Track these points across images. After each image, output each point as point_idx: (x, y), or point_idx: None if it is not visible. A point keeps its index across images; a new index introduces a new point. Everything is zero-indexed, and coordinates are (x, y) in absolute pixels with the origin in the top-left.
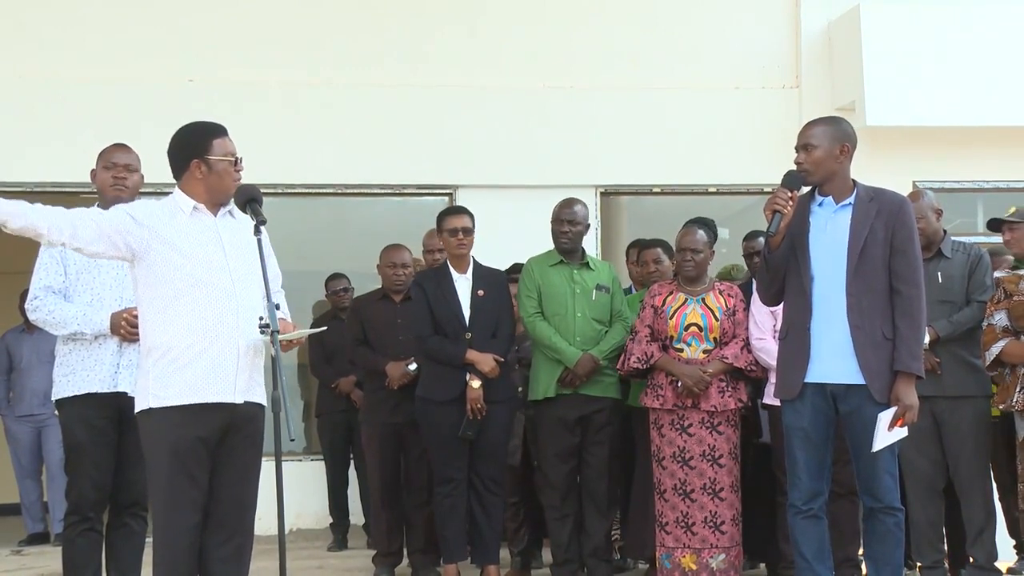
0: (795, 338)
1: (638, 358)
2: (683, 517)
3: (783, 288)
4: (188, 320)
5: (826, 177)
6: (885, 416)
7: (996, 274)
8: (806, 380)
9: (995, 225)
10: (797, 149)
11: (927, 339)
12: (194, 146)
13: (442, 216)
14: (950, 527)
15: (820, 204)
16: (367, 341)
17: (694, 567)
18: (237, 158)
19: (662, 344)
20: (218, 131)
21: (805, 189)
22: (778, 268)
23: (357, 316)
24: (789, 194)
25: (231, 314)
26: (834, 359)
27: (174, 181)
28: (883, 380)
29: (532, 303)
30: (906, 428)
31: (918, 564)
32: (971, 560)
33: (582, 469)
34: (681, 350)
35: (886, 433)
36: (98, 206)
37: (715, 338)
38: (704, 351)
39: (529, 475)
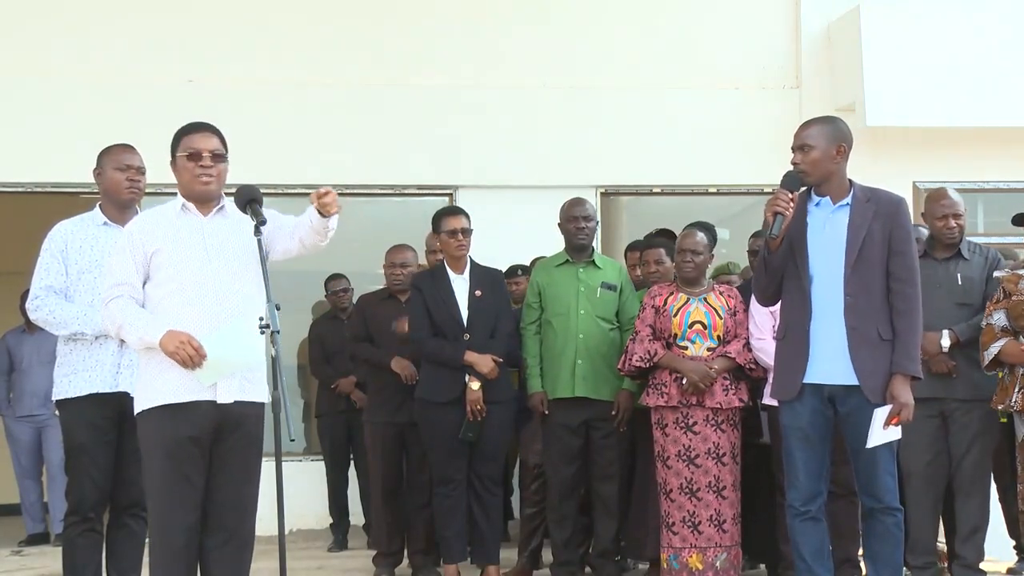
0: (794, 339)
1: (640, 356)
2: (690, 516)
3: (780, 289)
4: (169, 321)
5: (823, 177)
6: (881, 412)
7: (995, 274)
8: (804, 381)
9: (1020, 220)
10: (794, 149)
11: (947, 342)
12: (173, 145)
13: (439, 217)
14: (949, 528)
15: (817, 204)
16: (370, 338)
17: (700, 567)
18: (200, 153)
19: (666, 343)
20: (190, 128)
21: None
22: (778, 269)
23: (362, 313)
24: (790, 195)
25: (210, 315)
26: (832, 360)
27: (173, 181)
28: (877, 381)
29: (532, 313)
30: (899, 428)
31: (912, 565)
32: (958, 557)
33: (591, 470)
34: (685, 348)
35: (881, 431)
36: (99, 206)
37: (719, 336)
38: (708, 349)
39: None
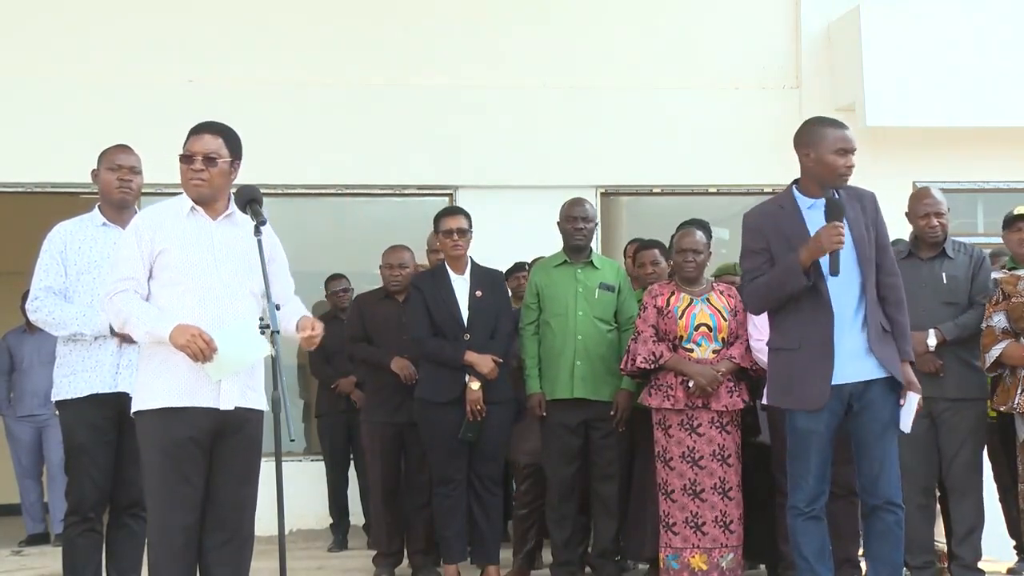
0: (814, 345)
1: (644, 358)
2: (693, 517)
3: None
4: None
5: None
6: (912, 398)
7: (994, 275)
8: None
9: (1009, 221)
10: (848, 152)
11: (934, 342)
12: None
13: (438, 217)
14: (949, 528)
15: (810, 207)
16: (368, 338)
17: (704, 567)
18: (190, 156)
19: (671, 344)
20: (191, 130)
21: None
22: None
23: (359, 313)
24: (843, 226)
25: (214, 318)
26: (853, 358)
27: (174, 181)
28: (898, 369)
29: (530, 313)
30: None
31: (912, 565)
32: (956, 557)
33: (591, 470)
34: (691, 350)
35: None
36: (99, 207)
37: (723, 338)
38: (713, 351)
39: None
